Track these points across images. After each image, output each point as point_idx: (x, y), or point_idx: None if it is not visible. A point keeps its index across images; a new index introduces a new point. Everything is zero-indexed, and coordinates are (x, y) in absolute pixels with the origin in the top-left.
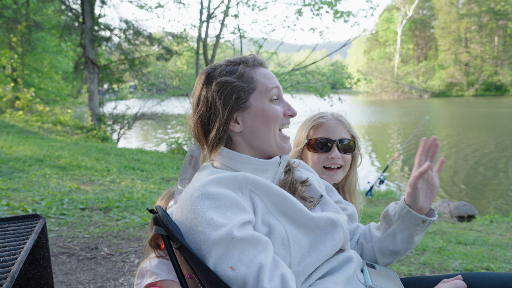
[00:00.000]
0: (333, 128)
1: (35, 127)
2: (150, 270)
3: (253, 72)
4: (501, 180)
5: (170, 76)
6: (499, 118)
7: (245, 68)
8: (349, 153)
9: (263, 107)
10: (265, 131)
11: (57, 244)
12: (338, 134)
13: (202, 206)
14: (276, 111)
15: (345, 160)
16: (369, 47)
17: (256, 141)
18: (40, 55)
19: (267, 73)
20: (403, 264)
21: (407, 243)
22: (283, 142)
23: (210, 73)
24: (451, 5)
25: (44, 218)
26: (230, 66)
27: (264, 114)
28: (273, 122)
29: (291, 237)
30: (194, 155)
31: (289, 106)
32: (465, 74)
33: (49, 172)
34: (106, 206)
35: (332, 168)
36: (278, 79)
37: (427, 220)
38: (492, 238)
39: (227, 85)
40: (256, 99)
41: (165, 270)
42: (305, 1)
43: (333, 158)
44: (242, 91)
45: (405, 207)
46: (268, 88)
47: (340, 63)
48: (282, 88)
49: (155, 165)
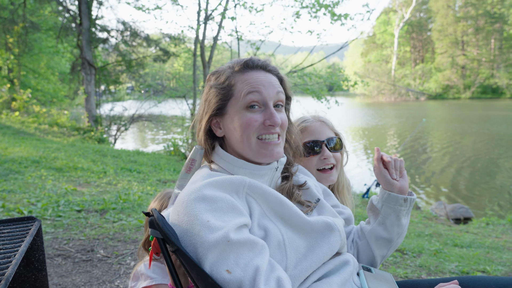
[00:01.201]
0: (318, 129)
1: (32, 128)
2: (144, 273)
3: (238, 78)
4: (497, 182)
5: (167, 78)
6: (496, 121)
7: (231, 73)
8: (338, 151)
9: (236, 115)
10: (239, 139)
11: (53, 246)
12: (324, 134)
13: (198, 208)
14: (249, 119)
15: (336, 158)
16: (366, 50)
17: (235, 147)
18: (36, 56)
19: (252, 78)
20: (399, 267)
21: (397, 226)
22: (263, 150)
23: (208, 78)
24: (448, 8)
25: (39, 221)
26: (220, 71)
27: (237, 122)
28: (246, 130)
29: (287, 241)
30: (197, 158)
31: (271, 115)
32: (462, 76)
33: (45, 173)
34: (102, 208)
35: (325, 169)
36: None
37: (408, 198)
38: (488, 241)
39: (211, 92)
40: (232, 106)
41: (160, 274)
42: (303, 3)
43: (326, 158)
44: (221, 98)
45: (385, 192)
46: (243, 95)
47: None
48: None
49: (152, 166)
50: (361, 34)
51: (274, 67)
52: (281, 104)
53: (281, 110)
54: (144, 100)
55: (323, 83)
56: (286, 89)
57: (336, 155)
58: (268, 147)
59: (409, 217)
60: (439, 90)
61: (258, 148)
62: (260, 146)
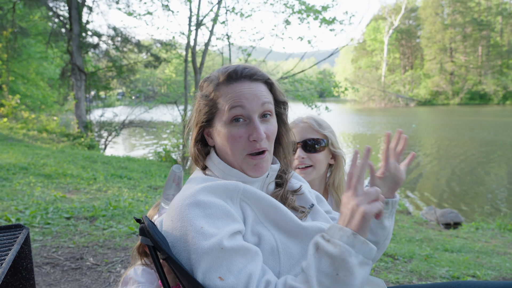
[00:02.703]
0: (298, 131)
1: (20, 135)
2: (133, 278)
3: (222, 91)
4: (486, 187)
5: (158, 84)
6: (484, 127)
7: (216, 85)
8: (315, 152)
9: (222, 129)
10: (228, 152)
11: (41, 255)
12: (302, 136)
13: (192, 214)
14: (234, 135)
15: (313, 159)
16: (357, 56)
17: (225, 158)
18: (26, 62)
19: (235, 92)
20: (391, 272)
21: (381, 229)
22: (250, 166)
23: (200, 85)
24: (436, 15)
25: (27, 228)
26: (209, 80)
27: (223, 136)
28: (233, 146)
29: (280, 247)
30: (177, 175)
31: (254, 129)
32: (450, 83)
33: (33, 180)
34: (92, 215)
35: (300, 168)
36: None
37: (389, 201)
38: (477, 245)
39: (201, 102)
40: (218, 120)
41: (148, 280)
42: (294, 9)
43: (297, 158)
44: (208, 111)
45: None
46: (226, 110)
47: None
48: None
49: (142, 173)
50: (351, 41)
51: (261, 74)
52: (269, 114)
53: (268, 120)
54: (135, 106)
55: (314, 89)
56: (277, 94)
57: (314, 155)
58: (253, 162)
59: (393, 219)
60: (428, 96)
61: (245, 164)
62: (247, 162)
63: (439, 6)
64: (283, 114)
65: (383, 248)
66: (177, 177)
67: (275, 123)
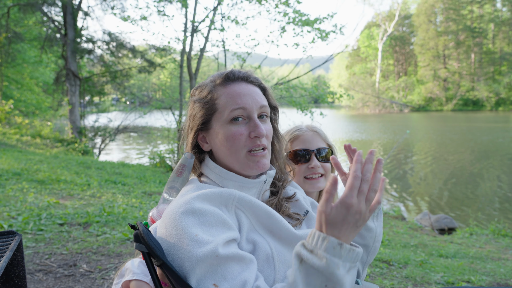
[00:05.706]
0: (310, 139)
1: (13, 140)
2: (129, 268)
3: (220, 92)
4: (480, 193)
5: (153, 89)
6: (477, 132)
7: (213, 87)
8: (328, 161)
9: (221, 129)
10: (227, 152)
11: (34, 261)
12: (315, 144)
13: (187, 222)
14: (234, 133)
15: (325, 168)
16: (351, 63)
17: (223, 160)
18: (20, 67)
19: (235, 91)
20: (386, 278)
21: (366, 230)
22: (251, 162)
23: (191, 93)
24: (429, 22)
25: (20, 235)
26: (202, 86)
27: (223, 136)
28: (233, 144)
29: (275, 254)
30: (187, 164)
31: (255, 126)
32: (444, 89)
33: (26, 186)
34: (85, 221)
35: (313, 178)
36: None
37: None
38: (472, 251)
39: (195, 106)
40: (216, 121)
41: (143, 272)
42: (289, 18)
43: (313, 167)
44: (205, 113)
45: None
46: (227, 110)
47: (322, 78)
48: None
49: (137, 179)
50: (345, 48)
51: (255, 78)
52: (266, 115)
53: (265, 121)
54: (130, 111)
55: (308, 96)
56: (270, 99)
57: (326, 165)
58: (254, 159)
59: (378, 221)
60: (422, 102)
61: (246, 161)
62: (248, 159)
63: (432, 13)
64: (274, 119)
65: (374, 251)
66: (185, 168)
67: (270, 125)
